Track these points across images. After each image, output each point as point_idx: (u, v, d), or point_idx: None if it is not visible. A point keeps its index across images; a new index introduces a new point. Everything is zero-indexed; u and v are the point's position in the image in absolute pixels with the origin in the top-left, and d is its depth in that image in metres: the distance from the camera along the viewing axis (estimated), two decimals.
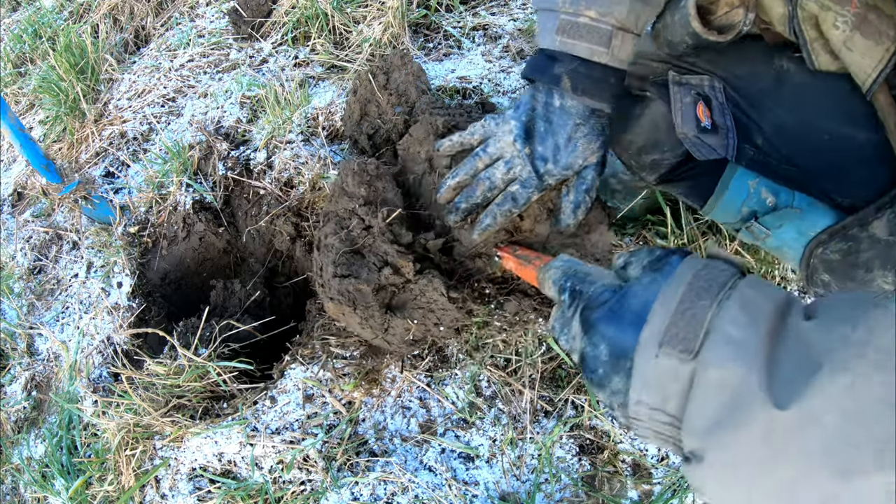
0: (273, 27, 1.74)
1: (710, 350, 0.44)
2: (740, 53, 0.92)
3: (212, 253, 1.47)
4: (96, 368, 1.23)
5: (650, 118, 0.98)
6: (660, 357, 0.46)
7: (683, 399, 0.46)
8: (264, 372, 1.16)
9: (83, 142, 1.67)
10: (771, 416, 0.41)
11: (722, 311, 0.45)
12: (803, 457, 0.40)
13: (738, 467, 0.43)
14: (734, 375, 0.43)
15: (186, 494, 1.01)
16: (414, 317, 0.94)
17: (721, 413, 0.43)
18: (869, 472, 0.37)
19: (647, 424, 0.49)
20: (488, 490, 0.97)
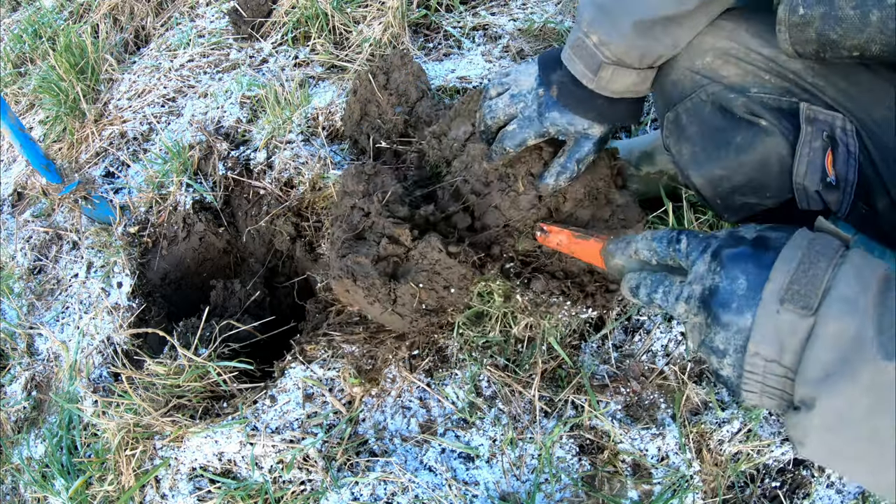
0: (273, 27, 1.74)
1: (829, 306, 0.49)
2: (881, 85, 0.73)
3: (212, 253, 1.47)
4: (96, 368, 1.23)
5: (761, 156, 0.77)
6: (781, 312, 0.50)
7: (800, 351, 0.50)
8: (264, 371, 1.16)
9: (83, 142, 1.67)
10: (877, 366, 0.46)
11: (838, 273, 0.50)
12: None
13: (844, 413, 0.48)
14: (849, 329, 0.47)
15: (186, 494, 1.01)
16: (419, 280, 0.94)
17: (834, 363, 0.48)
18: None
19: (760, 378, 0.53)
20: (488, 490, 0.97)
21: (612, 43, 0.80)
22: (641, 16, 0.76)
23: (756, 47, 0.76)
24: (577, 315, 1.04)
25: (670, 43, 0.80)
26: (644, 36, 0.78)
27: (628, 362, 1.09)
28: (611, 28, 0.79)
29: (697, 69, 0.81)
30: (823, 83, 0.74)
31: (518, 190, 0.97)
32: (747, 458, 1.03)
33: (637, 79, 0.84)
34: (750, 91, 0.77)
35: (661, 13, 0.76)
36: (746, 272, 0.54)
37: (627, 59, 0.81)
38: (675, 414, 1.04)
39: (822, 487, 1.04)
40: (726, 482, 1.01)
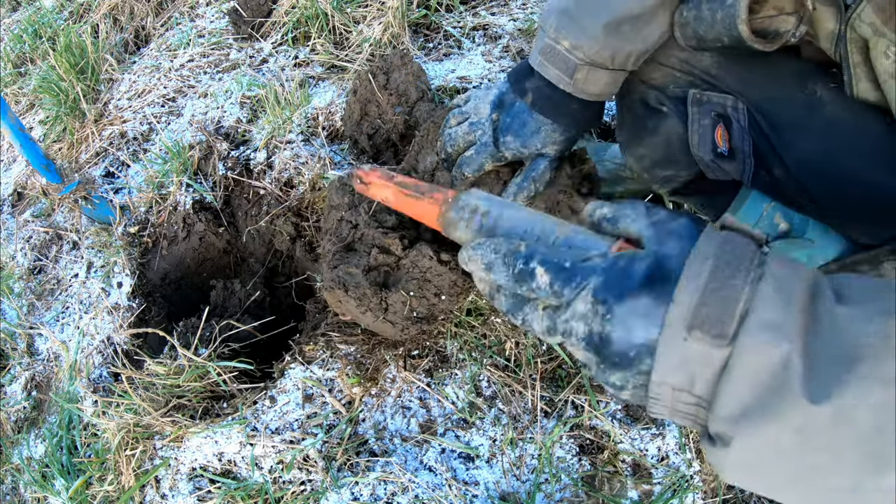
0: (273, 27, 1.74)
1: (748, 335, 0.42)
2: (772, 71, 0.86)
3: (212, 253, 1.47)
4: (96, 368, 1.23)
5: (664, 135, 0.94)
6: (689, 341, 0.43)
7: (714, 383, 0.44)
8: (264, 372, 1.16)
9: (83, 142, 1.67)
10: (805, 410, 0.40)
11: (757, 293, 0.43)
12: (833, 449, 0.40)
13: (764, 454, 0.43)
14: (772, 362, 0.41)
15: (186, 494, 1.01)
16: (410, 289, 0.95)
17: (754, 401, 0.42)
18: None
19: (668, 403, 0.47)
20: (488, 490, 0.97)
21: (583, 45, 0.82)
22: (609, 17, 0.80)
23: (676, 52, 0.89)
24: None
25: (640, 40, 0.83)
26: (614, 35, 0.81)
27: None
28: (580, 31, 0.82)
29: (636, 75, 0.96)
30: (724, 73, 0.88)
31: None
32: None
33: (609, 79, 0.87)
34: (668, 88, 0.92)
35: (626, 11, 0.80)
36: (642, 314, 0.45)
37: (600, 59, 0.83)
38: None
39: None
40: (726, 482, 1.01)
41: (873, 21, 0.70)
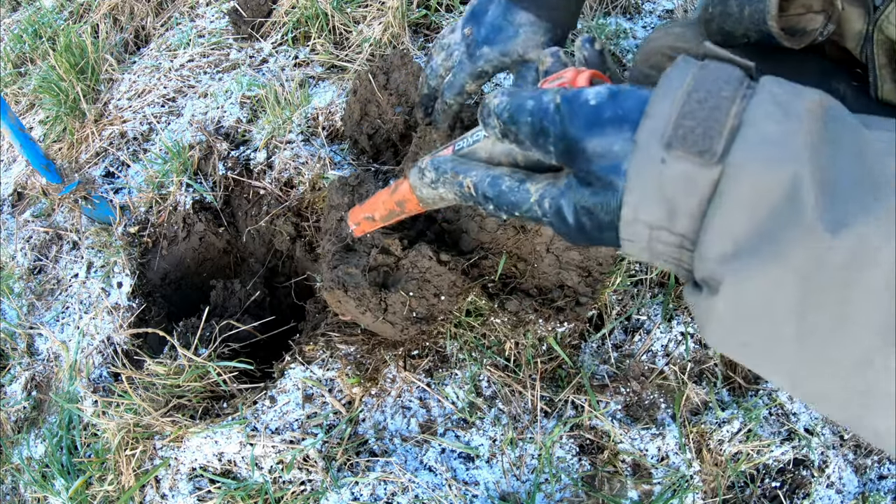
0: (273, 27, 1.74)
1: (744, 150, 0.33)
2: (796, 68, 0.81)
3: (212, 253, 1.47)
4: (96, 368, 1.23)
5: None
6: (668, 161, 0.34)
7: (700, 215, 0.35)
8: (264, 372, 1.16)
9: (83, 142, 1.67)
10: (817, 244, 0.31)
11: (750, 105, 0.34)
12: (846, 302, 0.31)
13: (759, 306, 0.33)
14: (776, 184, 0.32)
15: (186, 494, 1.01)
16: (409, 289, 0.95)
17: (751, 235, 0.33)
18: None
19: (644, 245, 0.38)
20: (488, 490, 0.97)
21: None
22: None
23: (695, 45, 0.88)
24: (554, 330, 1.06)
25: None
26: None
27: (628, 362, 1.09)
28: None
29: (651, 65, 0.96)
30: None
31: (482, 213, 0.98)
32: (747, 458, 1.03)
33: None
34: None
35: None
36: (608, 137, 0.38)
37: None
38: (675, 414, 1.04)
39: (822, 487, 1.04)
40: (726, 482, 1.01)
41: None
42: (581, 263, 1.01)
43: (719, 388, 1.09)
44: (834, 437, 1.08)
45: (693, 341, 1.11)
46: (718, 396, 1.08)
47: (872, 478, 1.07)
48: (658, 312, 1.12)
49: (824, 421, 1.09)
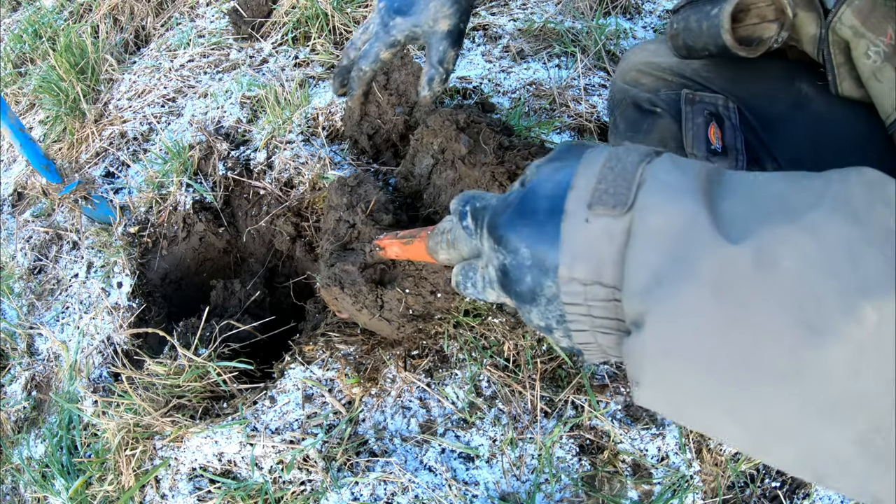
0: (273, 27, 1.74)
1: (647, 196, 0.38)
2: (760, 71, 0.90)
3: (212, 253, 1.47)
4: (96, 368, 1.23)
5: (659, 135, 0.95)
6: (590, 220, 0.40)
7: (619, 261, 0.39)
8: (264, 372, 1.16)
9: (83, 142, 1.67)
10: (723, 255, 0.35)
11: (653, 164, 0.41)
12: (761, 306, 0.33)
13: (683, 329, 0.36)
14: (676, 216, 0.37)
15: (186, 494, 1.01)
16: (405, 286, 0.95)
17: (665, 264, 0.36)
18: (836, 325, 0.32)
19: (584, 309, 0.42)
20: (488, 490, 0.97)
21: None
22: None
23: (666, 59, 0.96)
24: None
25: None
26: None
27: None
28: None
29: (627, 82, 1.02)
30: (714, 75, 0.93)
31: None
32: (747, 458, 1.03)
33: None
34: (660, 92, 0.97)
35: None
36: (523, 236, 0.44)
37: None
38: None
39: (823, 488, 1.04)
40: (726, 482, 1.01)
41: (853, 24, 0.74)
42: None
43: None
44: None
45: None
46: None
47: None
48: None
49: None
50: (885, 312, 0.31)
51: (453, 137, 1.00)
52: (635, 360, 0.39)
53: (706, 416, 0.38)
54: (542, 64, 1.59)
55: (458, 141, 1.00)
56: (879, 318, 0.31)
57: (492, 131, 1.00)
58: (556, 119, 1.43)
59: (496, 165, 0.96)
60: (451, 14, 0.88)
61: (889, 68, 0.73)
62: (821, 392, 0.33)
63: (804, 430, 0.34)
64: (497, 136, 0.99)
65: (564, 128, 1.43)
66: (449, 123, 1.03)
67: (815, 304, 0.32)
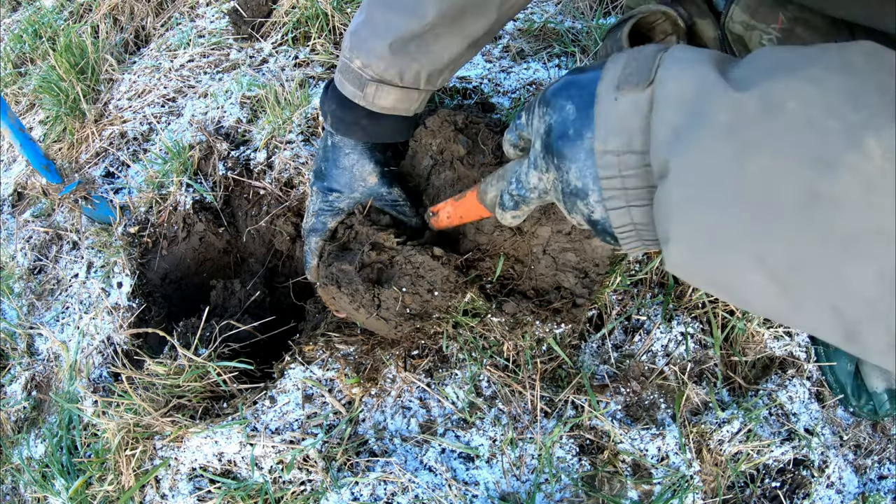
0: (273, 27, 1.74)
1: (665, 69, 0.44)
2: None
3: (212, 253, 1.47)
4: (96, 368, 1.23)
5: None
6: (619, 99, 0.46)
7: (646, 129, 0.45)
8: (264, 372, 1.16)
9: (83, 142, 1.67)
10: (732, 102, 0.39)
11: (669, 49, 0.46)
12: (772, 143, 0.37)
13: (704, 171, 0.39)
14: (690, 80, 0.42)
15: (186, 494, 1.01)
16: (402, 285, 0.96)
17: (684, 120, 0.41)
18: (844, 157, 0.34)
19: (619, 182, 0.47)
20: (488, 490, 0.97)
21: (371, 64, 0.88)
22: (392, 36, 0.84)
23: None
24: (552, 332, 1.06)
25: (429, 60, 0.88)
26: (399, 54, 0.86)
27: (628, 362, 1.09)
28: (367, 51, 0.87)
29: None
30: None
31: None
32: (747, 458, 1.03)
33: (401, 95, 0.92)
34: None
35: (407, 30, 0.83)
36: (571, 95, 0.51)
37: (388, 76, 0.89)
38: (675, 414, 1.04)
39: (822, 487, 1.04)
40: (726, 482, 1.01)
41: (743, 19, 0.80)
42: (577, 265, 1.01)
43: (719, 388, 1.09)
44: (834, 437, 1.08)
45: (693, 341, 1.11)
46: (718, 396, 1.08)
47: (872, 478, 1.07)
48: (658, 313, 1.12)
49: (824, 421, 1.09)
50: (887, 145, 0.33)
51: (451, 138, 1.00)
52: (662, 212, 0.43)
53: (732, 263, 0.39)
54: (542, 64, 1.59)
55: (456, 142, 1.00)
56: (884, 151, 0.33)
57: (490, 131, 1.00)
58: None
59: (495, 166, 0.96)
60: (372, 168, 1.01)
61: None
62: (838, 223, 0.34)
63: (829, 267, 0.35)
64: (495, 136, 0.99)
65: None
66: (447, 124, 1.02)
67: (821, 140, 0.35)
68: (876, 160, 0.33)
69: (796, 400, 1.10)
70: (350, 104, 0.94)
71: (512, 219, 0.69)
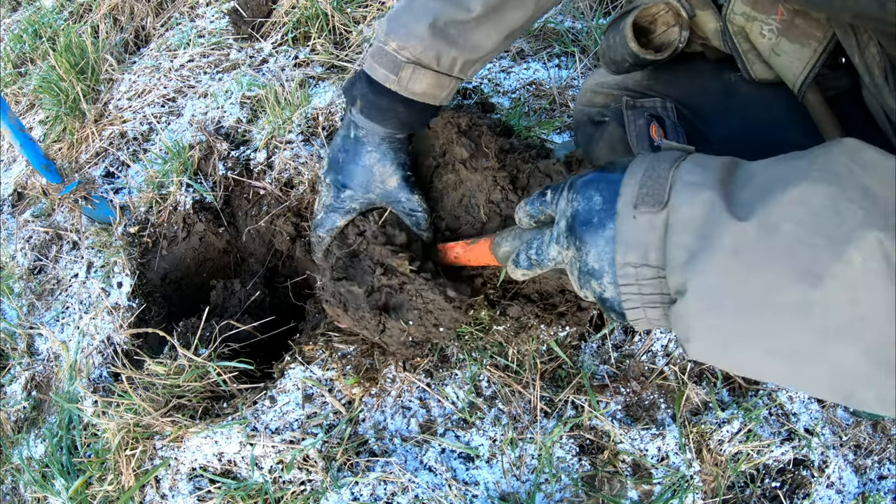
0: (273, 27, 1.74)
1: (677, 195, 0.51)
2: (692, 71, 1.01)
3: (212, 253, 1.47)
4: (96, 368, 1.23)
5: (608, 141, 1.05)
6: (637, 217, 0.53)
7: (662, 246, 0.51)
8: (264, 372, 1.16)
9: (83, 142, 1.67)
10: (736, 229, 0.46)
11: (680, 167, 0.53)
12: (770, 262, 0.44)
13: (716, 288, 0.47)
14: (700, 206, 0.49)
15: (186, 494, 1.01)
16: (409, 318, 0.94)
17: (695, 243, 0.48)
18: (831, 268, 0.42)
19: (635, 288, 0.54)
20: (488, 490, 0.97)
21: (409, 45, 0.86)
22: (432, 17, 0.84)
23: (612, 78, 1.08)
24: (556, 334, 1.05)
25: (468, 47, 0.88)
26: (439, 37, 0.85)
27: (628, 362, 1.09)
28: (407, 33, 0.86)
29: (583, 104, 1.15)
30: (653, 82, 1.04)
31: (482, 220, 0.98)
32: (747, 458, 1.03)
33: (434, 80, 0.90)
34: (609, 106, 1.08)
35: (450, 17, 0.84)
36: (599, 189, 0.57)
37: (425, 59, 0.87)
38: (675, 414, 1.04)
39: (822, 487, 1.04)
40: (726, 482, 1.01)
41: (744, 10, 0.83)
42: None
43: (719, 388, 1.09)
44: (834, 437, 1.08)
45: None
46: (718, 396, 1.08)
47: (872, 478, 1.07)
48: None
49: (824, 421, 1.09)
50: (866, 252, 0.41)
51: (454, 141, 1.00)
52: (683, 322, 0.50)
53: (747, 355, 0.48)
54: (542, 64, 1.59)
55: (459, 144, 0.99)
56: (864, 258, 0.41)
57: (493, 134, 0.99)
58: (556, 119, 1.43)
59: (498, 170, 0.95)
60: (395, 170, 0.97)
61: (784, 41, 0.81)
62: (829, 320, 0.43)
63: (825, 352, 0.44)
64: (498, 139, 0.99)
65: (564, 128, 1.43)
66: (451, 126, 1.02)
67: (811, 256, 0.43)
68: (857, 266, 0.41)
69: (796, 400, 1.10)
70: (382, 89, 0.91)
71: (522, 276, 0.75)
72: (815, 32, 0.78)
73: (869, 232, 0.41)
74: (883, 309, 0.41)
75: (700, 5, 0.90)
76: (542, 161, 0.94)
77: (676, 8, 0.91)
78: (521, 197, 0.94)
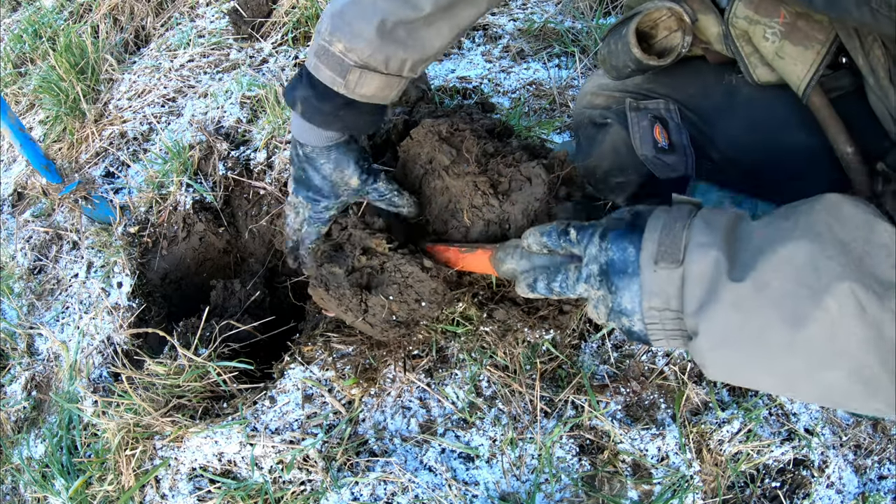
0: (273, 27, 1.74)
1: (690, 254, 0.60)
2: (694, 73, 1.01)
3: (212, 253, 1.47)
4: (96, 368, 1.23)
5: (610, 143, 1.06)
6: (658, 271, 0.62)
7: (679, 295, 0.62)
8: (264, 372, 1.16)
9: (83, 142, 1.67)
10: (734, 288, 0.56)
11: (692, 228, 0.62)
12: (762, 312, 0.55)
13: (721, 331, 0.58)
14: (707, 265, 0.59)
15: (186, 494, 1.01)
16: (389, 293, 0.95)
17: (705, 295, 0.59)
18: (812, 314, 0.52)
19: (660, 326, 0.64)
20: (488, 490, 0.97)
21: (356, 48, 0.82)
22: (380, 18, 0.80)
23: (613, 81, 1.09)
24: (541, 337, 1.06)
25: (415, 48, 0.84)
26: (387, 39, 0.82)
27: (628, 362, 1.09)
28: (353, 34, 0.82)
29: (583, 106, 1.15)
30: (655, 85, 1.05)
31: (466, 224, 0.98)
32: (747, 458, 1.03)
33: (383, 82, 0.87)
34: (611, 107, 1.08)
35: (399, 17, 0.80)
36: (632, 242, 0.65)
37: (373, 62, 0.84)
38: (675, 414, 1.04)
39: (822, 487, 1.04)
40: (726, 482, 1.01)
41: (746, 14, 0.84)
42: None
43: (719, 388, 1.09)
44: (834, 437, 1.08)
45: None
46: (718, 396, 1.08)
47: (872, 478, 1.07)
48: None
49: (824, 421, 1.09)
50: (841, 300, 0.51)
51: (437, 148, 1.00)
52: (699, 355, 0.61)
53: (751, 378, 0.60)
54: (542, 64, 1.59)
55: (440, 152, 0.99)
56: (839, 304, 0.51)
57: (476, 138, 0.98)
58: (556, 119, 1.43)
59: (478, 175, 0.95)
60: (353, 170, 0.98)
61: (788, 44, 0.82)
62: (814, 353, 0.53)
63: (814, 376, 0.54)
64: (481, 142, 0.98)
65: (564, 128, 1.43)
66: (431, 135, 1.02)
67: (795, 305, 0.53)
68: (833, 312, 0.51)
69: (796, 400, 1.10)
70: (327, 92, 0.87)
71: (532, 296, 0.79)
72: (817, 35, 0.78)
73: (843, 283, 0.51)
74: (855, 342, 0.51)
75: (702, 10, 0.90)
76: (523, 165, 0.93)
77: (679, 13, 0.91)
78: (501, 201, 0.93)
